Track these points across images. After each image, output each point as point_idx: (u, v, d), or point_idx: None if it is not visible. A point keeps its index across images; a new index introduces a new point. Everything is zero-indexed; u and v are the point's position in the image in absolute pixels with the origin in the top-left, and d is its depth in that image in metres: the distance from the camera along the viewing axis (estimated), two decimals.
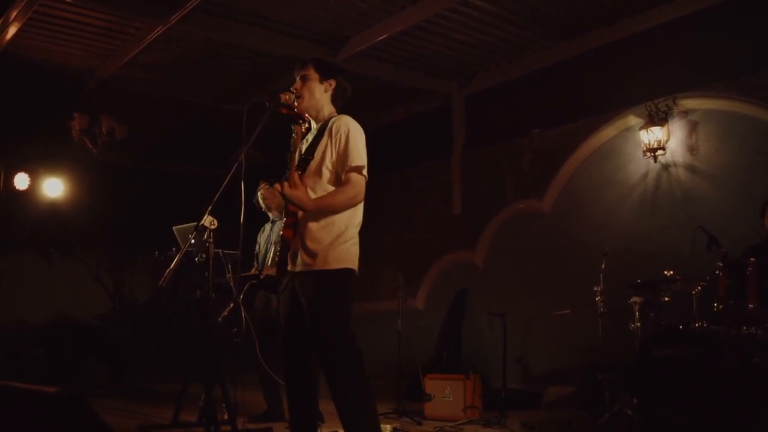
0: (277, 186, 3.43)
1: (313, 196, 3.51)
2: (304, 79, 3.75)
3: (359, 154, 3.53)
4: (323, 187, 3.56)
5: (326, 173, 3.56)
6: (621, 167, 7.29)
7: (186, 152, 11.24)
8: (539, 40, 7.77)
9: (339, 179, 3.57)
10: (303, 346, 3.57)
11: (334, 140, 3.56)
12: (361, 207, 3.65)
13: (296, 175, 3.47)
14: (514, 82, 8.41)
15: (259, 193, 6.06)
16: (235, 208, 3.65)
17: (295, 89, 3.74)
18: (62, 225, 10.18)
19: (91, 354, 10.97)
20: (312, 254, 3.50)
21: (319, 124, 3.74)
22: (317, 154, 3.59)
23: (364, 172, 3.54)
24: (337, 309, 3.50)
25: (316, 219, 3.52)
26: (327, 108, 3.76)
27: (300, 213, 3.53)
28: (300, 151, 3.73)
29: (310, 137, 3.74)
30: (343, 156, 3.52)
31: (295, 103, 3.71)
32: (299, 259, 3.55)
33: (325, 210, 3.50)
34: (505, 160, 8.40)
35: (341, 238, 3.53)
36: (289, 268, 3.61)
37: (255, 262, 6.05)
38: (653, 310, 5.55)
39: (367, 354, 3.50)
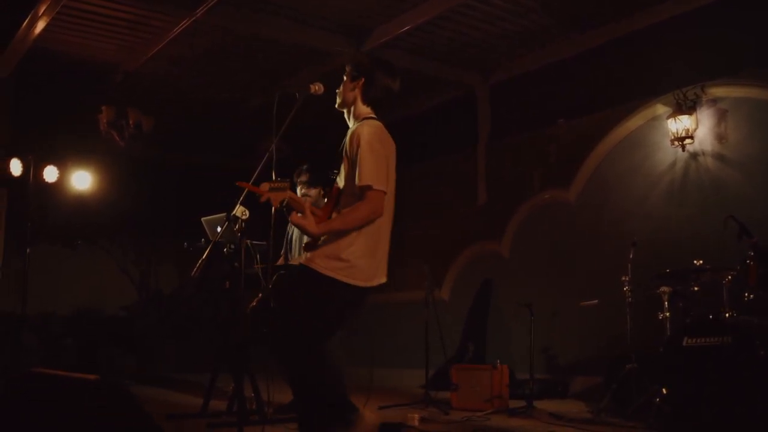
0: (291, 216, 3.42)
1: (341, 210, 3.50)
2: (343, 78, 3.71)
3: (370, 171, 3.38)
4: (348, 200, 3.49)
5: (351, 184, 3.48)
6: (648, 156, 7.23)
7: (210, 143, 11.31)
8: (564, 29, 7.72)
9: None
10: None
11: (350, 153, 3.48)
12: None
13: (309, 204, 3.45)
14: (539, 72, 8.36)
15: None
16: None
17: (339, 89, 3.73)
18: (89, 217, 10.28)
19: (118, 344, 11.11)
20: (311, 252, 3.50)
21: (350, 130, 3.62)
22: (342, 167, 3.57)
23: (377, 187, 3.38)
24: (298, 310, 3.45)
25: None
26: (360, 108, 3.66)
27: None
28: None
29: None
30: (358, 169, 3.40)
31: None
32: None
33: (340, 231, 3.42)
34: (530, 150, 8.37)
35: (341, 247, 3.44)
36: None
37: (283, 250, 6.07)
38: (682, 300, 5.51)
39: (394, 344, 3.53)
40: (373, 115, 3.65)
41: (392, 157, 3.59)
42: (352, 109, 3.67)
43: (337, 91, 3.71)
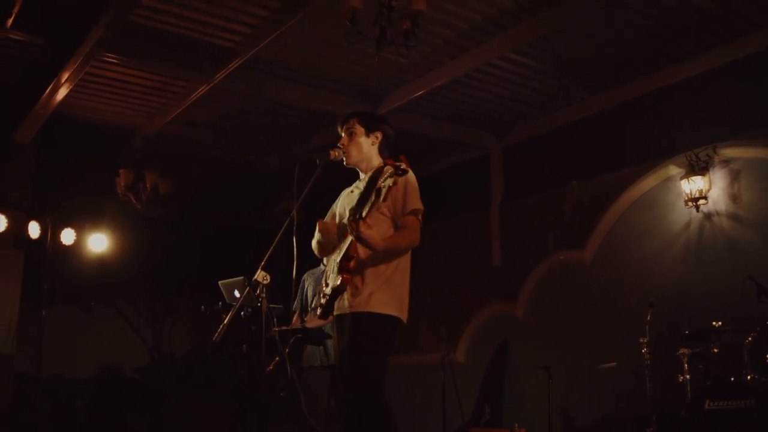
0: (353, 225, 3.39)
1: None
2: (351, 134, 3.82)
3: (416, 199, 3.60)
4: (378, 232, 3.55)
5: (382, 219, 3.60)
6: (663, 217, 7.25)
7: (226, 205, 11.40)
8: (577, 91, 7.82)
9: (393, 226, 3.62)
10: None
11: (395, 188, 3.49)
12: (408, 253, 3.68)
13: (367, 219, 3.45)
14: (553, 134, 8.44)
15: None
16: (279, 262, 3.69)
17: (342, 145, 3.81)
18: (105, 279, 10.33)
19: (131, 407, 11.01)
20: (358, 295, 3.54)
21: (370, 173, 3.76)
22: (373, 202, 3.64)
23: (420, 216, 3.60)
24: (369, 352, 3.51)
25: (372, 263, 3.56)
26: (375, 159, 3.84)
27: (359, 256, 3.56)
28: (351, 202, 3.76)
29: (361, 185, 3.77)
30: (401, 202, 3.58)
31: (344, 160, 3.79)
32: (345, 301, 3.59)
33: (392, 251, 3.54)
34: (544, 211, 8.39)
35: (388, 282, 3.55)
36: (335, 312, 3.63)
37: (301, 311, 6.04)
38: (702, 362, 5.46)
39: (410, 407, 3.54)
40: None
41: None
42: (368, 161, 3.83)
43: (342, 145, 3.80)
